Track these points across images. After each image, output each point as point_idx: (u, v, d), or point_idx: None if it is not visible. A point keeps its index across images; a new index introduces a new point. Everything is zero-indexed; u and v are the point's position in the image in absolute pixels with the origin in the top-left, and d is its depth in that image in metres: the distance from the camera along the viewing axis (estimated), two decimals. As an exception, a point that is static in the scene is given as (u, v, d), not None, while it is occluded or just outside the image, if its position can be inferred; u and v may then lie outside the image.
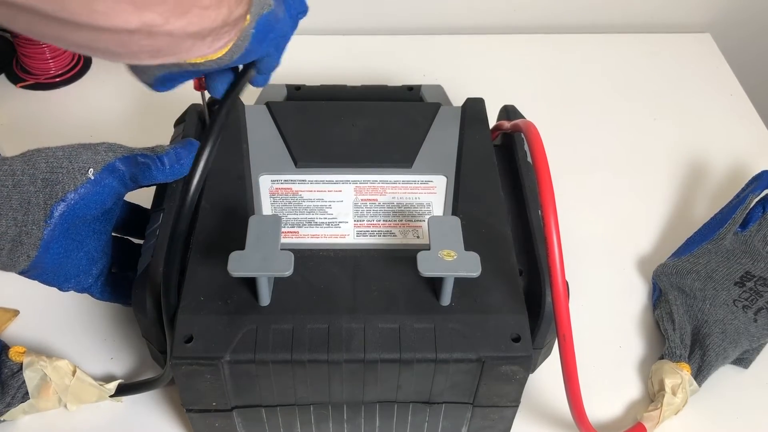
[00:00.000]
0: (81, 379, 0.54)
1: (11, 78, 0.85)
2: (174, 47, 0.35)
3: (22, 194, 0.44)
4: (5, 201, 0.43)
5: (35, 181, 0.45)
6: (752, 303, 0.62)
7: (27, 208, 0.45)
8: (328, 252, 0.51)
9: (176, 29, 0.33)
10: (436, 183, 0.57)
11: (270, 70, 0.49)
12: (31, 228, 0.45)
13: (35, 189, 0.45)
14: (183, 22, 0.33)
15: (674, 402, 0.55)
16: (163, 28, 0.32)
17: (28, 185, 0.45)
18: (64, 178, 0.46)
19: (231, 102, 0.47)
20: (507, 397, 0.49)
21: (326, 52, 0.91)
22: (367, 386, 0.47)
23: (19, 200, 0.44)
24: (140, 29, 0.32)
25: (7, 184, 0.44)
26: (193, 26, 0.34)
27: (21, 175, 0.44)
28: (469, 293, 0.48)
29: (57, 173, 0.46)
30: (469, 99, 0.64)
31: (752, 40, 1.02)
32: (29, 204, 0.45)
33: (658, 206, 0.74)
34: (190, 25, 0.34)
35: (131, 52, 0.34)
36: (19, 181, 0.44)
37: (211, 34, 0.36)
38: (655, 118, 0.85)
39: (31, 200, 0.45)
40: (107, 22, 0.31)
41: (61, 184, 0.46)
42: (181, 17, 0.33)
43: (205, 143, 0.44)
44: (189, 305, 0.47)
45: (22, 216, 0.44)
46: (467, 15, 0.97)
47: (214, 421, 0.50)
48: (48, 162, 0.46)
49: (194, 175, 0.43)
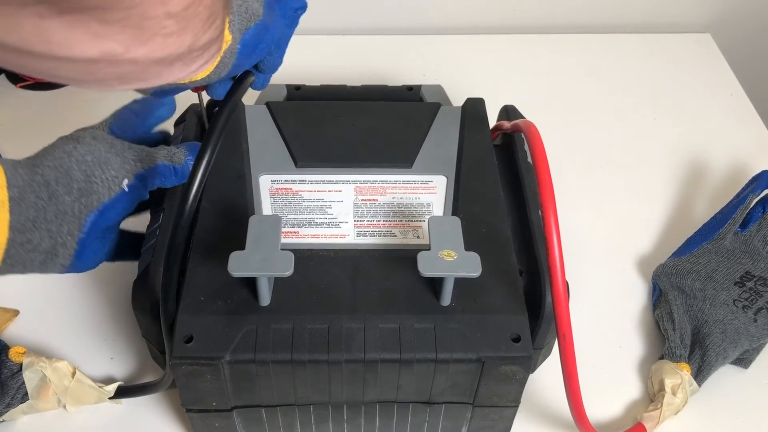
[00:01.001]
0: (80, 380, 0.54)
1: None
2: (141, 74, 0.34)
3: (57, 205, 0.43)
4: (40, 213, 0.42)
5: (71, 191, 0.44)
6: (752, 303, 0.62)
7: (62, 219, 0.43)
8: (328, 252, 0.51)
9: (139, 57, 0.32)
10: (437, 183, 0.57)
11: (272, 69, 0.49)
12: (66, 238, 0.44)
13: (71, 199, 0.44)
14: (145, 49, 0.31)
15: (674, 402, 0.55)
16: (125, 56, 0.31)
17: (64, 195, 0.43)
18: (99, 188, 0.45)
19: (232, 107, 0.47)
20: (507, 397, 0.49)
21: (326, 52, 0.91)
22: (367, 386, 0.47)
23: (55, 212, 0.43)
24: (101, 58, 0.31)
25: (43, 196, 0.42)
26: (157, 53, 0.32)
27: (56, 185, 0.43)
28: (469, 293, 0.48)
29: (92, 182, 0.45)
30: (469, 99, 0.64)
31: (752, 40, 1.02)
32: (65, 215, 0.44)
33: (658, 206, 0.74)
34: (153, 52, 0.32)
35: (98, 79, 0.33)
36: (55, 192, 0.43)
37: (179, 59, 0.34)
38: (655, 118, 0.85)
39: (67, 211, 0.44)
40: (65, 52, 0.30)
41: (96, 194, 0.45)
42: (143, 45, 0.31)
43: (204, 149, 0.44)
44: (189, 305, 0.47)
45: (57, 227, 0.43)
46: (467, 15, 0.97)
47: (214, 421, 0.50)
48: (82, 170, 0.45)
49: (194, 181, 0.43)
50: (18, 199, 0.41)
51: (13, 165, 0.41)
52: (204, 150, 0.44)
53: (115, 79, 0.33)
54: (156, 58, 0.33)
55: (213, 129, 0.45)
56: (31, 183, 0.42)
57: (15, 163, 0.42)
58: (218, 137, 0.45)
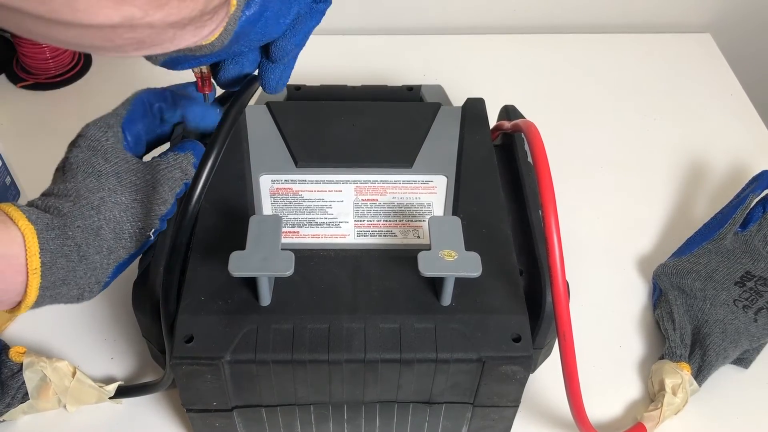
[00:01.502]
0: (80, 380, 0.54)
1: (11, 78, 0.85)
2: (156, 38, 0.36)
3: (87, 264, 0.44)
4: (70, 273, 0.43)
5: (101, 251, 0.45)
6: (752, 303, 0.62)
7: (91, 273, 0.44)
8: (328, 252, 0.51)
9: (156, 21, 0.34)
10: (437, 183, 0.57)
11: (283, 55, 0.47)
12: (93, 287, 0.45)
13: (101, 257, 0.45)
14: (162, 13, 0.34)
15: (674, 402, 0.55)
16: (144, 20, 0.34)
17: (94, 255, 0.44)
18: (128, 243, 0.46)
19: (237, 112, 0.46)
20: (507, 397, 0.49)
21: (326, 52, 0.91)
22: (367, 386, 0.47)
23: (84, 269, 0.44)
24: (122, 23, 0.33)
25: (73, 258, 0.43)
26: (173, 16, 0.35)
27: (86, 248, 0.44)
28: (469, 293, 0.48)
29: (121, 239, 0.46)
30: (469, 99, 0.64)
31: (752, 40, 1.02)
32: (93, 270, 0.45)
33: (658, 206, 0.74)
34: (170, 15, 0.35)
35: (117, 45, 0.35)
36: (85, 254, 0.44)
37: (192, 23, 0.37)
38: (655, 118, 0.85)
39: (96, 267, 0.45)
40: (90, 19, 0.32)
41: (125, 249, 0.46)
42: (160, 9, 0.34)
43: (210, 152, 0.44)
44: (189, 305, 0.47)
45: (85, 281, 0.44)
46: (467, 15, 0.97)
47: (214, 421, 0.50)
48: (111, 228, 0.45)
49: (198, 183, 0.43)
50: (50, 263, 0.42)
51: (45, 227, 0.42)
52: (209, 152, 0.44)
53: (132, 45, 0.36)
54: (171, 22, 0.35)
55: (219, 131, 0.45)
56: (63, 248, 0.43)
57: (47, 224, 0.42)
58: (224, 140, 0.45)
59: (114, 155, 0.48)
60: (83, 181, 0.46)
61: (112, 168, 0.47)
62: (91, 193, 0.46)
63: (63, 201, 0.45)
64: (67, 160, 0.47)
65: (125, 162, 0.48)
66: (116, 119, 0.50)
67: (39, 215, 0.42)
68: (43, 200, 0.45)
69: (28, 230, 0.41)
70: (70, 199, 0.45)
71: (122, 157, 0.48)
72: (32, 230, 0.41)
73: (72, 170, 0.46)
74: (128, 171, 0.48)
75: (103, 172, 0.47)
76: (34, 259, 0.41)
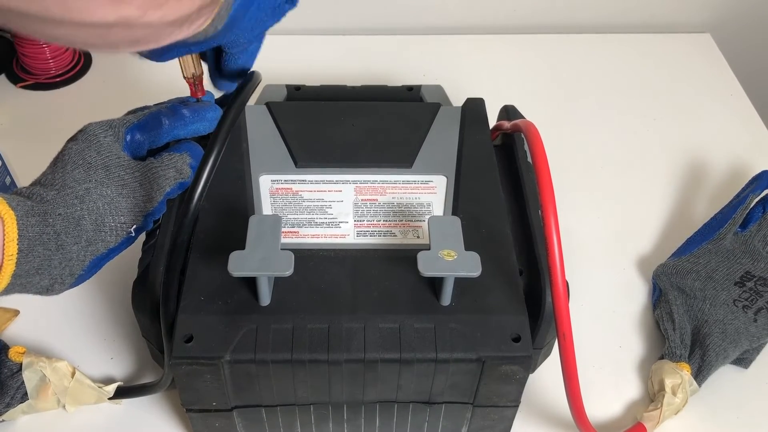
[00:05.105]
0: (80, 380, 0.54)
1: (11, 78, 0.85)
2: (153, 36, 0.35)
3: (63, 254, 0.43)
4: (45, 262, 0.42)
5: (79, 241, 0.44)
6: (752, 303, 0.62)
7: (66, 264, 0.44)
8: (328, 252, 0.51)
9: (154, 20, 0.33)
10: (437, 183, 0.57)
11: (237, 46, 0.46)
12: (66, 279, 0.44)
13: (78, 248, 0.44)
14: (160, 12, 0.33)
15: (674, 402, 0.55)
16: (141, 20, 0.32)
17: (72, 245, 0.44)
18: (107, 236, 0.46)
19: (236, 111, 0.46)
20: (507, 397, 0.49)
21: (326, 52, 0.91)
22: (367, 386, 0.47)
23: (60, 259, 0.43)
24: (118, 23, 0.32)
25: (51, 247, 0.42)
26: (170, 16, 0.34)
27: (65, 237, 0.43)
28: (469, 293, 0.48)
29: (101, 231, 0.45)
30: (469, 99, 0.64)
31: (752, 40, 1.02)
32: (69, 261, 0.44)
33: (658, 206, 0.74)
34: (167, 15, 0.34)
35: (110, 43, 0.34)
36: (63, 243, 0.43)
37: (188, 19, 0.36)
38: (655, 118, 0.85)
39: (72, 257, 0.44)
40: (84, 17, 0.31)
41: (104, 242, 0.45)
42: (159, 9, 0.33)
43: (210, 151, 0.44)
44: (189, 305, 0.47)
45: (59, 272, 0.44)
46: (467, 15, 0.97)
47: (214, 421, 0.50)
48: (92, 219, 0.45)
49: (198, 183, 0.43)
50: (26, 251, 0.41)
51: (26, 212, 0.41)
52: (210, 152, 0.44)
53: (128, 42, 0.35)
54: (169, 21, 0.34)
55: (219, 131, 0.45)
56: (41, 235, 0.42)
57: (27, 210, 0.42)
58: (224, 139, 0.45)
59: (107, 150, 0.47)
60: (71, 171, 0.45)
61: (102, 161, 0.47)
62: (77, 183, 0.45)
63: (48, 189, 0.44)
64: (62, 152, 0.47)
65: (117, 157, 0.47)
66: (121, 123, 0.50)
67: (20, 201, 0.42)
68: (28, 189, 0.44)
69: (8, 216, 0.40)
70: (55, 187, 0.44)
71: (115, 152, 0.48)
72: (12, 216, 0.40)
73: (63, 161, 0.46)
74: (118, 166, 0.47)
75: (93, 164, 0.46)
76: (12, 245, 0.40)
